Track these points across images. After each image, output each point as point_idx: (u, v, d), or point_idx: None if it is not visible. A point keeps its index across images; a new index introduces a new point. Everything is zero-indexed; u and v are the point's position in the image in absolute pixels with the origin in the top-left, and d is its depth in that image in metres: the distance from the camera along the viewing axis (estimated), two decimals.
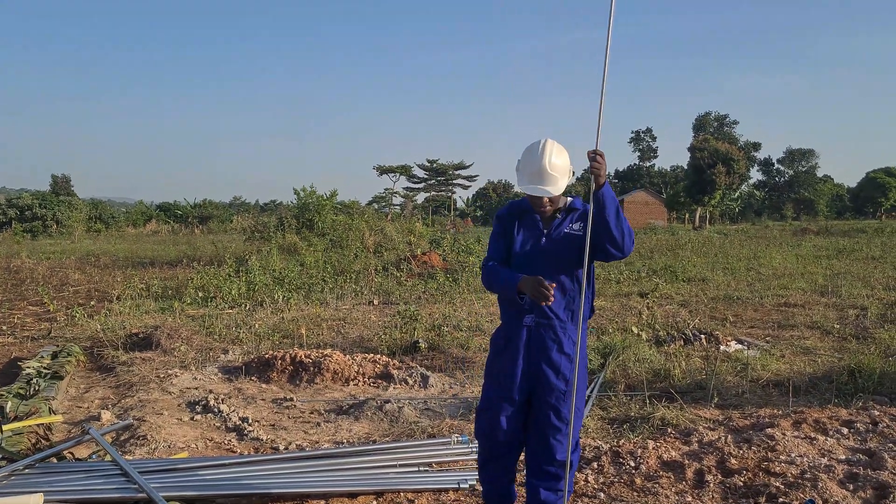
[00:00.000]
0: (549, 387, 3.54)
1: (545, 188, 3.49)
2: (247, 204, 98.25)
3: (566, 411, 3.55)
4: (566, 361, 3.55)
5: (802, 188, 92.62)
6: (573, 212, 3.66)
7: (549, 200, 3.57)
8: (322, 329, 10.56)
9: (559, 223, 3.63)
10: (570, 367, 3.55)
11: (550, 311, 3.54)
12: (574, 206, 3.68)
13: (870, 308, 11.87)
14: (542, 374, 3.55)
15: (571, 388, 3.55)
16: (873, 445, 5.06)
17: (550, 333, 3.55)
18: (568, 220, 3.64)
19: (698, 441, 5.26)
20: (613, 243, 3.45)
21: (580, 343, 3.54)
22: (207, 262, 19.49)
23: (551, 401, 3.55)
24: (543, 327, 3.55)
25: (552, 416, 3.55)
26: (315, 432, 6.01)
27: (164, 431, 5.82)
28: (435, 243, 23.09)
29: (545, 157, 3.48)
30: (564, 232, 3.60)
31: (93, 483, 4.44)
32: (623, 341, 8.51)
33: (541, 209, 3.59)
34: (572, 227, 3.61)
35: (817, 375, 7.56)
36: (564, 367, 3.55)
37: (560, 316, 3.57)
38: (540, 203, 3.56)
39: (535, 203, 3.58)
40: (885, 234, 33.85)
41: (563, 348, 3.56)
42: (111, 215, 57.29)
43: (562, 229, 3.61)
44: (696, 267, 19.11)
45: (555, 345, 3.55)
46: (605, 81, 3.47)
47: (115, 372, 8.17)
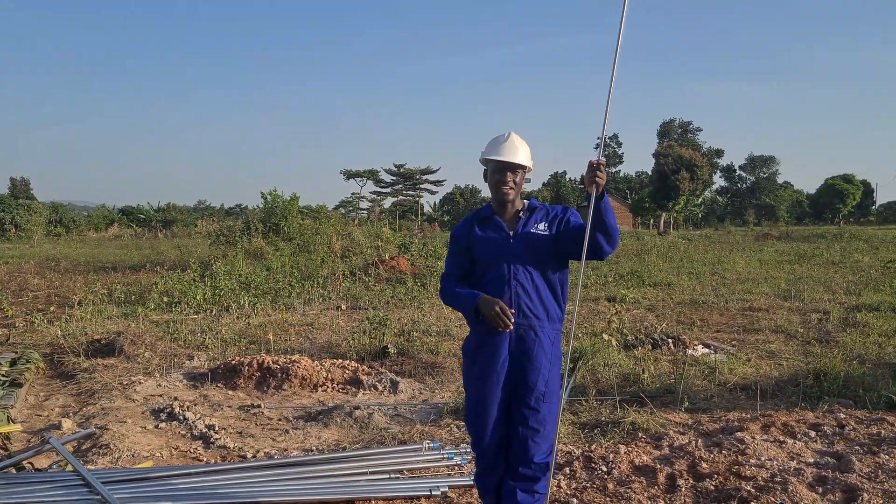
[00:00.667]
0: (528, 388, 3.53)
1: (514, 156, 3.59)
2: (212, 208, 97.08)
3: (543, 413, 3.54)
4: (545, 362, 3.55)
5: (764, 194, 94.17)
6: (534, 211, 3.70)
7: (513, 181, 3.61)
8: (290, 335, 10.44)
9: (523, 223, 3.65)
10: (549, 368, 3.55)
11: (529, 311, 3.54)
12: (533, 205, 3.72)
13: (832, 312, 12.07)
14: (521, 375, 3.54)
15: (550, 388, 3.55)
16: (840, 448, 5.12)
17: (531, 334, 3.55)
18: (532, 219, 3.67)
19: (669, 445, 5.27)
20: (611, 243, 3.54)
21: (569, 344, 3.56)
22: (171, 267, 19.18)
23: (531, 402, 3.53)
24: (524, 328, 3.55)
25: (530, 417, 3.53)
26: (283, 440, 5.91)
27: (128, 440, 5.68)
28: (403, 248, 22.99)
29: (512, 135, 3.66)
30: (530, 231, 3.62)
31: (54, 494, 4.31)
32: (593, 346, 8.53)
33: (503, 188, 3.61)
34: (537, 228, 3.63)
35: (783, 379, 7.64)
36: (543, 368, 3.54)
37: (538, 314, 3.57)
38: (504, 181, 3.60)
39: (500, 181, 3.60)
40: (844, 240, 34.51)
41: (542, 348, 3.55)
42: (72, 219, 56.19)
43: (527, 229, 3.63)
44: (661, 272, 19.29)
45: (535, 345, 3.54)
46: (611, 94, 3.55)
47: (77, 379, 7.97)
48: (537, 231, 3.62)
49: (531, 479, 3.56)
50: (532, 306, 3.55)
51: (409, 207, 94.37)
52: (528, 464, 3.53)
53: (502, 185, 3.61)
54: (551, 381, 3.56)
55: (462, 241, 3.76)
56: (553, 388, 3.57)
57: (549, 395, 3.55)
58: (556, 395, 3.59)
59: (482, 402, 3.61)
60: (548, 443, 3.56)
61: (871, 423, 5.71)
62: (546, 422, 3.55)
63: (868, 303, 12.82)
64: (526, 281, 3.55)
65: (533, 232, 3.61)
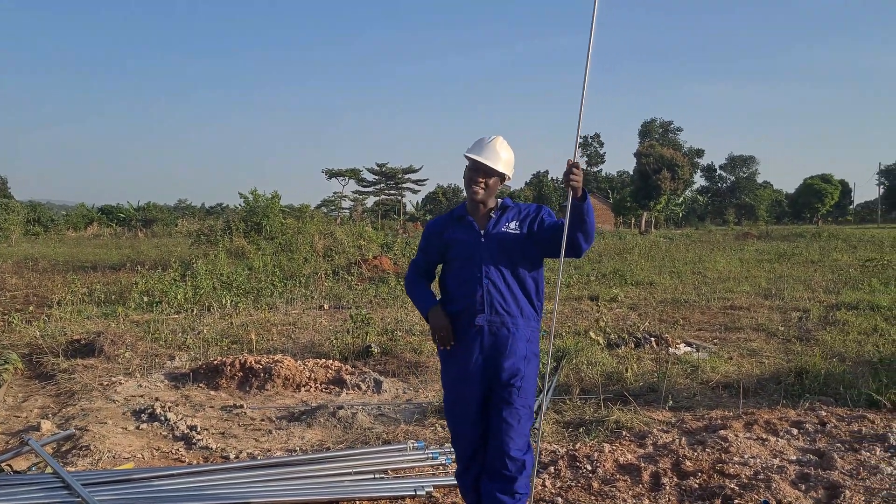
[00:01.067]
0: (503, 384, 3.54)
1: (486, 157, 3.61)
2: (192, 207, 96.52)
3: (518, 407, 3.55)
4: (520, 358, 3.57)
5: (744, 194, 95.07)
6: (506, 210, 3.71)
7: (485, 182, 3.63)
8: (272, 334, 10.38)
9: (495, 222, 3.68)
10: (524, 364, 3.57)
11: (502, 308, 3.57)
12: (506, 204, 3.74)
13: (812, 310, 12.17)
14: (495, 371, 3.56)
15: (526, 384, 3.57)
16: (822, 446, 5.16)
17: (504, 331, 3.57)
18: (504, 219, 3.69)
19: (653, 444, 5.29)
20: (588, 241, 3.59)
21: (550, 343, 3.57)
22: (152, 267, 19.01)
23: (505, 397, 3.54)
24: (496, 325, 3.56)
25: (504, 411, 3.53)
26: (266, 440, 5.87)
27: (109, 441, 5.61)
28: (386, 247, 22.95)
29: (493, 139, 3.69)
30: (501, 230, 3.64)
31: (33, 497, 4.25)
32: (576, 344, 8.54)
33: (473, 188, 3.63)
34: (509, 227, 3.66)
35: (765, 377, 7.69)
36: (519, 364, 3.55)
37: (511, 312, 3.58)
38: (475, 180, 3.62)
39: (472, 180, 3.63)
40: (823, 239, 34.89)
41: (516, 345, 3.57)
42: (50, 218, 55.61)
43: (499, 227, 3.66)
44: (643, 271, 19.39)
45: (508, 342, 3.56)
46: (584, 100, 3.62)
47: (56, 380, 7.87)
48: (508, 230, 3.64)
49: (508, 478, 3.54)
50: (504, 304, 3.57)
51: (392, 207, 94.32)
52: (504, 459, 3.51)
53: (472, 183, 3.64)
54: (527, 377, 3.58)
55: (433, 238, 3.84)
56: (528, 384, 3.59)
57: (524, 391, 3.57)
58: (531, 392, 3.61)
59: (459, 400, 3.67)
60: (522, 439, 3.57)
61: (853, 420, 5.76)
62: (521, 416, 3.56)
63: (847, 301, 12.95)
64: (498, 280, 3.58)
65: (504, 231, 3.64)
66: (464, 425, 3.67)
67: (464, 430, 3.68)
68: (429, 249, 3.86)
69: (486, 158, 3.60)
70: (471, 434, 3.66)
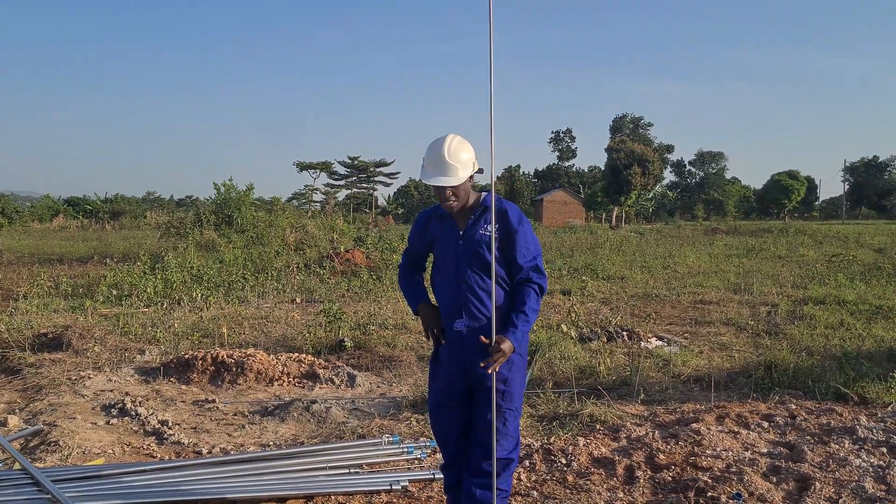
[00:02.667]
0: (486, 387, 3.50)
1: (445, 178, 3.44)
2: (161, 199, 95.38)
3: (504, 409, 3.53)
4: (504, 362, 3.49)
5: (712, 189, 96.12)
6: (486, 211, 3.58)
7: (454, 194, 3.50)
8: (244, 328, 10.28)
9: (472, 224, 3.57)
10: (507, 367, 3.51)
11: (479, 313, 3.50)
12: (486, 203, 3.59)
13: (780, 305, 12.35)
14: (479, 376, 3.52)
15: (510, 387, 3.53)
16: (792, 438, 5.23)
17: (481, 334, 3.49)
18: (482, 221, 3.56)
19: (627, 437, 5.33)
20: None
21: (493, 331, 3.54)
22: (120, 259, 18.75)
23: (489, 401, 3.50)
24: (474, 328, 3.50)
25: (489, 415, 3.50)
26: (239, 435, 5.82)
27: (78, 437, 5.52)
28: (359, 241, 22.84)
29: (445, 148, 3.46)
30: (479, 233, 3.53)
31: (0, 494, 4.16)
32: (549, 338, 8.58)
33: (446, 203, 3.52)
34: (486, 229, 3.54)
35: (735, 371, 7.79)
36: (501, 367, 3.49)
37: (487, 315, 3.50)
38: (444, 196, 3.49)
39: (441, 196, 3.51)
40: (790, 234, 35.39)
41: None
42: (15, 209, 54.56)
43: (476, 230, 3.54)
44: (615, 265, 19.53)
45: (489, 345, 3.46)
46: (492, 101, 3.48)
47: (23, 374, 7.73)
48: (486, 233, 3.53)
49: (490, 474, 3.53)
50: (482, 308, 3.50)
51: (364, 200, 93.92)
52: (489, 460, 3.51)
53: (443, 200, 3.52)
54: (511, 380, 3.53)
55: (421, 229, 3.80)
56: (513, 388, 3.55)
57: (509, 395, 3.53)
58: (518, 394, 3.58)
59: (442, 397, 3.68)
60: (508, 439, 3.56)
61: (821, 413, 5.86)
62: (507, 419, 3.55)
63: (814, 296, 13.16)
64: (474, 283, 3.50)
65: (482, 234, 3.53)
66: (446, 422, 3.69)
67: (446, 428, 3.70)
68: (415, 241, 3.83)
69: (446, 178, 3.44)
70: (454, 431, 3.68)
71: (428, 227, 3.74)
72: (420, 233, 3.79)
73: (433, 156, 3.48)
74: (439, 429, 3.77)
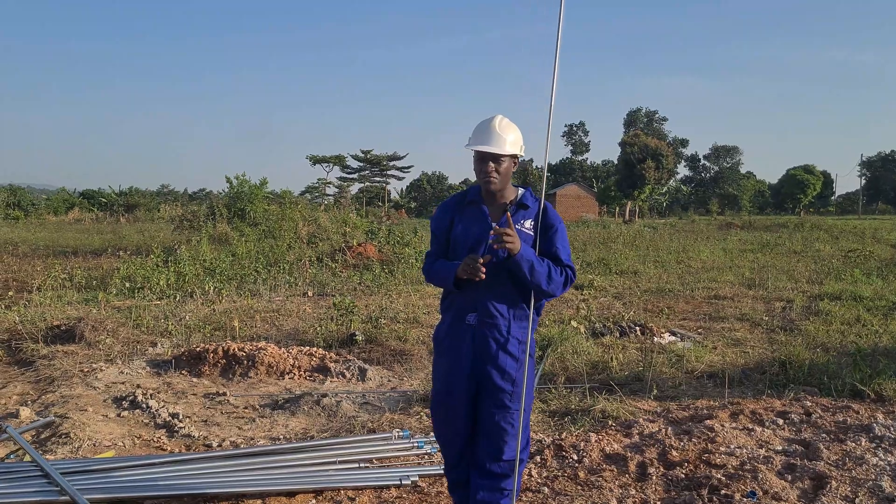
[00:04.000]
0: (495, 387, 3.42)
1: (490, 146, 3.38)
2: (175, 192, 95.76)
3: (513, 410, 3.44)
4: (511, 361, 3.42)
5: (727, 184, 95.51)
6: (524, 209, 3.49)
7: (496, 170, 3.39)
8: (255, 321, 10.29)
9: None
10: (516, 367, 3.42)
11: (494, 308, 3.40)
12: (524, 201, 3.51)
13: (795, 300, 12.23)
14: (486, 374, 3.42)
15: (518, 387, 3.43)
16: (808, 436, 5.16)
17: (495, 332, 3.41)
18: (519, 216, 3.47)
19: (639, 433, 5.27)
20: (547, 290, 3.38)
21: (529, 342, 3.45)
22: (134, 252, 18.83)
23: (497, 400, 3.42)
24: (487, 326, 3.41)
25: (497, 416, 3.42)
26: (250, 428, 5.80)
27: (89, 429, 5.52)
28: (371, 234, 22.83)
29: (495, 121, 3.45)
30: (516, 228, 3.40)
31: (10, 486, 4.17)
32: (561, 333, 8.52)
33: (486, 178, 3.40)
34: (523, 225, 3.45)
35: (749, 367, 7.72)
36: (510, 367, 3.41)
37: (504, 314, 3.42)
38: (486, 170, 3.39)
39: (482, 170, 3.40)
40: (805, 229, 35.09)
41: (507, 347, 3.42)
42: (31, 202, 55.00)
43: (513, 224, 3.41)
44: (628, 260, 19.41)
45: (499, 344, 3.41)
46: (554, 91, 3.45)
47: (35, 366, 7.76)
48: (522, 229, 3.44)
49: (499, 475, 3.47)
50: (497, 304, 3.41)
51: (376, 194, 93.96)
52: (498, 461, 3.45)
53: (484, 174, 3.41)
54: (518, 380, 3.43)
55: (443, 224, 3.61)
56: (521, 388, 3.43)
57: (517, 395, 3.43)
58: (527, 394, 3.47)
59: (448, 393, 3.52)
60: (516, 440, 3.45)
61: (837, 410, 5.78)
62: (514, 420, 3.44)
63: (830, 292, 13.03)
64: (495, 278, 3.36)
65: (518, 228, 3.41)
66: (452, 419, 3.53)
67: (451, 425, 3.55)
68: (439, 235, 3.63)
69: (492, 146, 3.36)
70: (459, 429, 3.53)
71: (454, 216, 3.57)
72: (445, 223, 3.60)
73: (482, 126, 3.46)
74: (442, 427, 3.63)
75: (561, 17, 3.39)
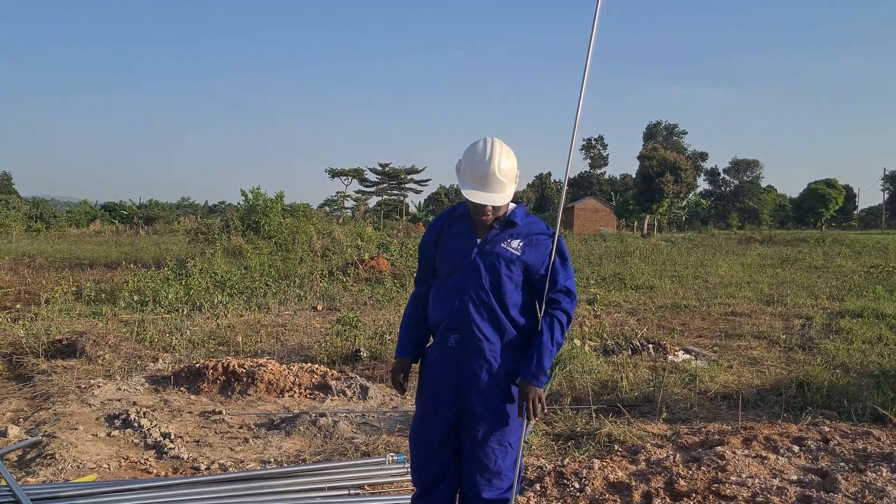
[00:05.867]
0: (477, 418, 3.14)
1: (492, 195, 3.10)
2: (195, 205, 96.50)
3: (493, 445, 3.15)
4: (496, 389, 3.15)
5: (747, 198, 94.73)
6: (511, 227, 3.23)
7: (493, 211, 3.17)
8: (260, 336, 10.12)
9: (495, 235, 3.20)
10: (502, 396, 3.15)
11: (479, 331, 3.13)
12: (513, 218, 3.24)
13: (815, 318, 11.90)
14: (468, 403, 3.15)
15: (503, 420, 3.16)
16: (825, 465, 4.88)
17: (479, 357, 3.14)
18: (505, 234, 3.21)
19: (646, 460, 5.03)
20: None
21: None
22: (148, 265, 18.76)
23: (477, 434, 3.14)
24: (471, 349, 3.14)
25: (477, 450, 3.14)
26: (242, 449, 5.61)
27: (76, 449, 5.34)
28: (383, 247, 22.69)
29: (494, 162, 3.10)
30: (501, 247, 3.17)
31: None
32: (570, 351, 8.28)
33: (483, 217, 3.17)
34: (509, 245, 3.18)
35: (765, 388, 7.43)
36: (494, 396, 3.14)
37: (489, 338, 3.14)
38: (483, 211, 3.16)
39: (478, 210, 3.17)
40: (827, 244, 34.53)
41: (492, 373, 3.15)
42: (53, 214, 55.54)
43: (497, 243, 3.18)
44: (644, 275, 19.10)
45: (483, 370, 3.14)
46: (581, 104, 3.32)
47: (34, 382, 7.62)
48: (509, 249, 3.17)
49: None
50: (482, 327, 3.13)
51: (394, 207, 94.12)
52: (478, 500, 3.16)
53: (480, 214, 3.17)
54: (503, 412, 3.15)
55: (429, 241, 3.37)
56: (504, 420, 3.15)
57: (502, 428, 3.15)
58: (511, 429, 3.18)
59: (426, 423, 3.26)
60: (503, 479, 3.16)
61: (857, 437, 5.49)
62: (496, 456, 3.14)
63: (851, 308, 12.67)
64: (479, 299, 3.12)
65: (503, 248, 3.17)
66: (426, 449, 3.25)
67: (426, 455, 3.26)
68: (425, 254, 3.39)
69: (491, 196, 3.10)
70: (434, 461, 3.24)
71: (441, 233, 3.33)
72: (435, 240, 3.35)
73: (478, 169, 3.12)
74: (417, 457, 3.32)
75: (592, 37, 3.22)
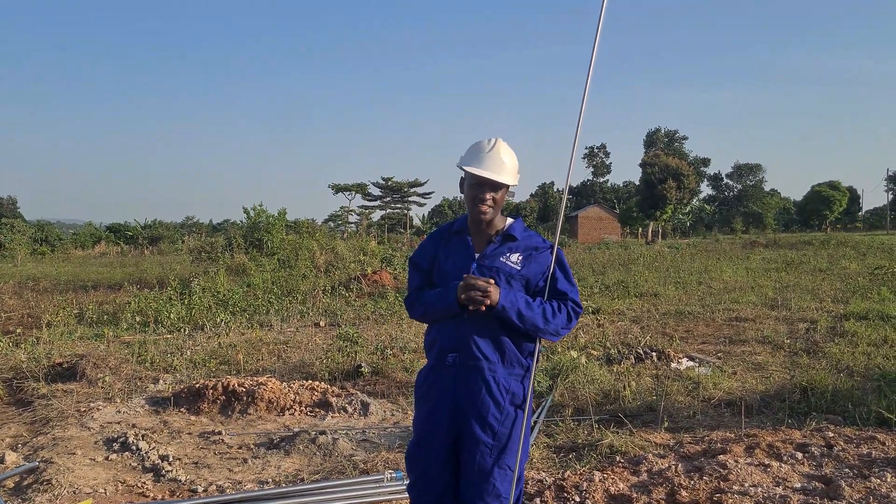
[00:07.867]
0: (475, 440, 3.07)
1: (493, 173, 3.08)
2: (199, 224, 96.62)
3: (490, 467, 3.07)
4: (495, 410, 3.07)
5: (751, 202, 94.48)
6: (510, 240, 3.19)
7: (493, 199, 3.12)
8: (262, 354, 10.08)
9: (494, 248, 3.16)
10: (500, 418, 3.08)
11: (478, 350, 3.07)
12: (512, 232, 3.20)
13: (819, 321, 11.82)
14: (467, 424, 3.08)
15: (503, 442, 3.09)
16: (829, 471, 4.81)
17: (477, 377, 3.07)
18: (505, 248, 3.17)
19: (647, 471, 4.96)
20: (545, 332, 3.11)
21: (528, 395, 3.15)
22: (151, 285, 18.77)
23: (476, 457, 3.06)
24: (469, 369, 3.08)
25: (474, 475, 3.08)
26: (240, 470, 5.56)
27: (73, 474, 5.31)
28: (386, 261, 22.66)
29: (496, 148, 3.13)
30: (500, 261, 3.13)
31: None
32: (572, 361, 8.22)
33: (480, 206, 3.10)
34: (509, 259, 3.13)
35: (769, 394, 7.36)
36: (492, 417, 3.06)
37: (489, 357, 3.08)
38: (482, 198, 3.10)
39: (476, 198, 3.11)
40: (831, 247, 34.42)
41: (491, 393, 3.08)
42: (58, 237, 55.63)
43: (496, 257, 3.14)
44: (647, 282, 19.04)
45: (482, 390, 3.07)
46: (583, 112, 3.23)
47: (33, 406, 7.59)
48: (508, 263, 3.12)
49: None
50: (482, 345, 3.07)
51: (398, 220, 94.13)
52: None
53: (479, 202, 3.11)
54: (501, 434, 3.08)
55: (426, 255, 3.31)
56: (506, 443, 3.08)
57: (503, 452, 3.08)
58: (509, 452, 3.10)
59: (423, 445, 3.19)
60: (499, 502, 3.07)
61: (861, 442, 5.41)
62: (494, 480, 3.06)
63: (856, 311, 12.58)
64: (478, 316, 3.05)
65: (502, 262, 3.12)
66: (424, 473, 3.19)
67: (423, 478, 3.19)
68: (421, 266, 3.33)
69: (492, 171, 3.07)
70: (431, 484, 3.18)
71: (438, 247, 3.28)
72: (430, 257, 3.30)
73: (480, 147, 3.15)
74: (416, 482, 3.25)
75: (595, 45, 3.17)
